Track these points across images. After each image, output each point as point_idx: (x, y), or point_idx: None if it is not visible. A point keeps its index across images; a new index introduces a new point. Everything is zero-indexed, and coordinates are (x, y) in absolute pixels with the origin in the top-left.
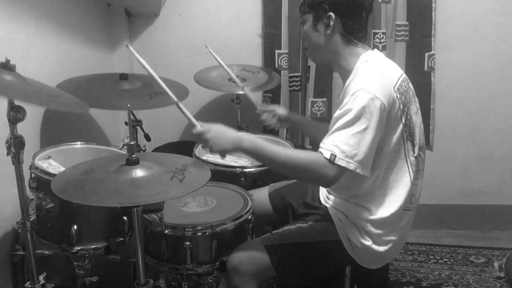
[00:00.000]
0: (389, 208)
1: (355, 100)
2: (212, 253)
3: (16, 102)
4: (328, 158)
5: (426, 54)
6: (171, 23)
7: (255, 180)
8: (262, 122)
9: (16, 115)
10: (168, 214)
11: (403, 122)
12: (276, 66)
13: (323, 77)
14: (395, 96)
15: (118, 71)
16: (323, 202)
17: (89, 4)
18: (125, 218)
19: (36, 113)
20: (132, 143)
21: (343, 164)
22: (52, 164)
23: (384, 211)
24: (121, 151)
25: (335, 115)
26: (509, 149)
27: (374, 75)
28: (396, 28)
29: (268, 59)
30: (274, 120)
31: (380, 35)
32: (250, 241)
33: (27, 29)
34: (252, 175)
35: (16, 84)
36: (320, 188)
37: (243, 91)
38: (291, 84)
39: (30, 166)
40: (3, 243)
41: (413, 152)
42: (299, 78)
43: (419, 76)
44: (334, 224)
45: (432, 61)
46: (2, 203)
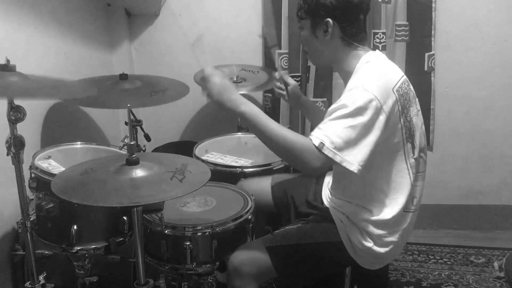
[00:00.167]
0: (390, 210)
1: (353, 96)
2: (212, 253)
3: (22, 100)
4: (317, 145)
5: (426, 54)
6: (171, 23)
7: None
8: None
9: (16, 115)
10: (168, 214)
11: (402, 123)
12: (276, 66)
13: (323, 77)
14: (394, 97)
15: (118, 71)
16: (325, 202)
17: (89, 4)
18: (125, 218)
19: (36, 113)
20: (132, 143)
21: (329, 154)
22: (52, 164)
23: (385, 213)
24: (121, 151)
25: (331, 107)
26: (509, 149)
27: (374, 75)
28: (396, 28)
29: (268, 59)
30: (284, 92)
31: (380, 35)
32: (250, 242)
33: (27, 29)
34: (252, 175)
35: (18, 83)
36: (323, 188)
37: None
38: None
39: (30, 166)
40: (3, 243)
41: (413, 154)
42: (299, 78)
43: (419, 76)
44: (336, 225)
45: (432, 61)
46: (2, 203)
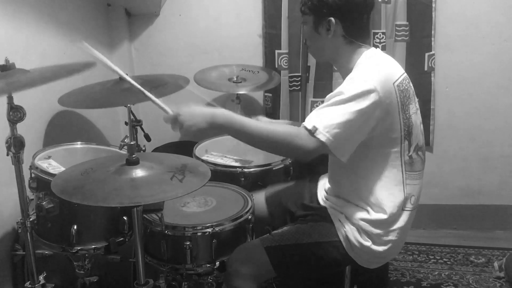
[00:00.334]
0: (387, 209)
1: (351, 85)
2: (212, 253)
3: (27, 92)
4: (310, 129)
5: (426, 54)
6: (171, 23)
7: (255, 180)
8: None
9: (16, 115)
10: (168, 214)
11: (401, 120)
12: (276, 66)
13: (323, 77)
14: (394, 92)
15: None
16: (321, 202)
17: (89, 4)
18: (125, 218)
19: (36, 113)
20: (132, 143)
21: (323, 139)
22: (52, 164)
23: (382, 212)
24: (121, 151)
25: (329, 95)
26: (509, 149)
27: (375, 68)
28: (396, 28)
29: (268, 59)
30: None
31: (380, 35)
32: (249, 242)
33: (27, 29)
34: (252, 175)
35: (19, 78)
36: (318, 188)
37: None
38: (291, 84)
39: (30, 166)
40: (3, 243)
41: (408, 151)
42: (299, 78)
43: (419, 76)
44: (334, 225)
45: (432, 61)
46: (2, 203)
